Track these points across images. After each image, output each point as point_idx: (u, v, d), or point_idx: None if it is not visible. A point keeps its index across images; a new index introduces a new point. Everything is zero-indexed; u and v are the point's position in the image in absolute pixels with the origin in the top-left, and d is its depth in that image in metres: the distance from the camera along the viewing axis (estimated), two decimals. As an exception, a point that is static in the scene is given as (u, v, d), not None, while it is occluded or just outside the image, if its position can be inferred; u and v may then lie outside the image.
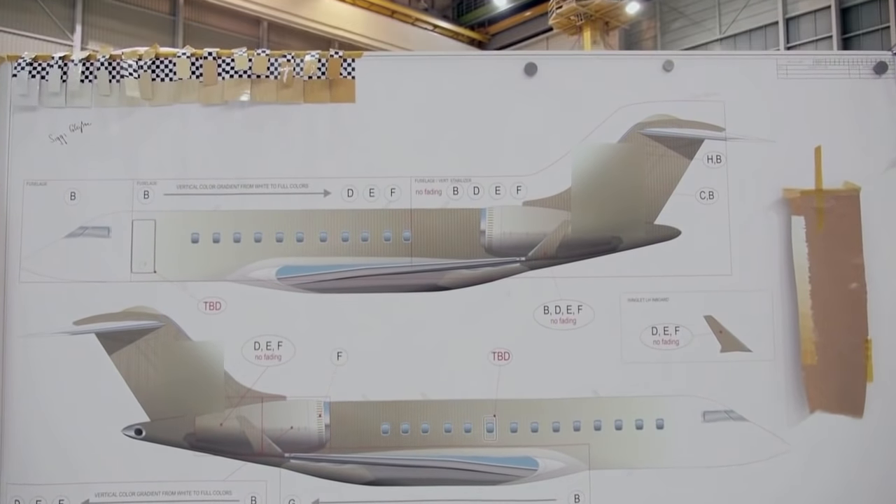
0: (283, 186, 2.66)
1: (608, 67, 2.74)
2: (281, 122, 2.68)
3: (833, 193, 2.68)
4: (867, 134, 2.73)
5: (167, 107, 2.68)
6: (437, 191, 2.67)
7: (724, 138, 2.71)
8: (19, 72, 2.66)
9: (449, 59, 2.75)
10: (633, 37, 33.52)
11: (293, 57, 2.70)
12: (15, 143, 2.66)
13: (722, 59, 2.82)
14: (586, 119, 2.70)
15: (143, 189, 2.65)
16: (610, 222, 2.68)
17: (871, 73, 2.75)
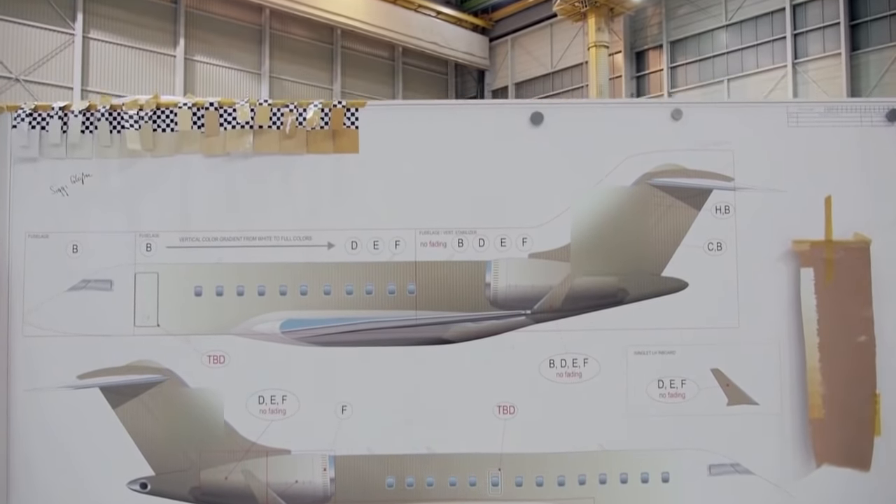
0: (286, 239, 2.64)
1: (615, 116, 2.70)
2: (284, 173, 2.65)
3: (843, 245, 2.65)
4: (878, 182, 2.69)
5: (169, 158, 2.65)
6: (442, 243, 2.64)
7: (732, 188, 2.67)
8: (19, 123, 2.63)
9: (454, 107, 2.71)
10: (638, 23, 33.16)
11: (296, 107, 2.66)
12: (16, 195, 2.63)
13: (731, 107, 2.77)
14: (593, 169, 2.66)
15: (146, 242, 2.63)
16: (617, 274, 2.65)
17: (884, 120, 2.70)
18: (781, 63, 29.34)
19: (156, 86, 30.60)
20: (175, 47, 30.42)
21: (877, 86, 27.50)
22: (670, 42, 32.06)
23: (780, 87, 29.60)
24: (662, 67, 32.40)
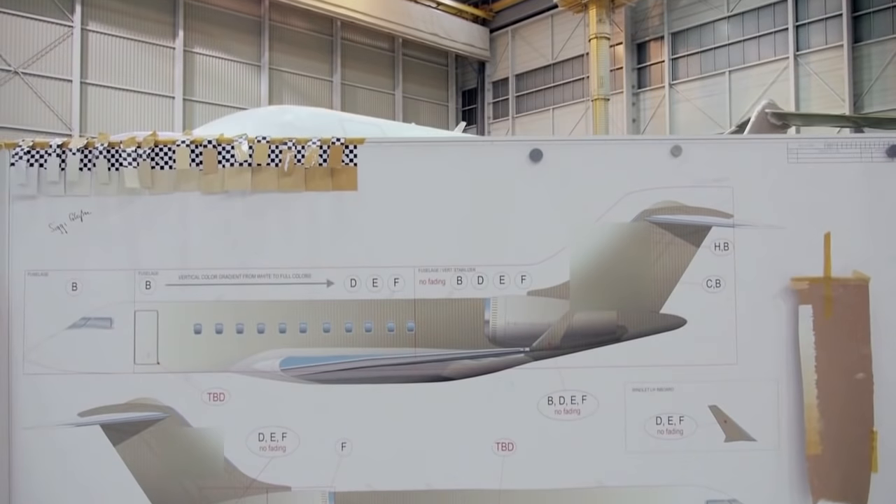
0: (285, 277, 2.64)
1: (615, 153, 2.69)
2: (283, 211, 2.65)
3: (842, 282, 2.65)
4: (878, 218, 2.69)
5: (167, 195, 2.65)
6: (441, 280, 2.64)
7: (732, 225, 2.67)
8: (17, 161, 2.62)
9: (452, 144, 2.70)
10: (639, 14, 32.94)
11: (294, 144, 2.66)
12: (15, 233, 2.63)
13: (731, 144, 2.76)
14: (592, 206, 2.66)
15: (145, 279, 2.64)
16: (616, 311, 2.65)
17: (884, 156, 2.69)
18: (783, 55, 29.18)
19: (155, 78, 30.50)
20: (174, 39, 30.25)
21: (879, 78, 27.38)
22: (671, 33, 31.86)
23: (781, 79, 29.48)
24: (664, 59, 32.22)
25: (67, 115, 28.56)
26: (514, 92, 37.63)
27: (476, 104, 39.28)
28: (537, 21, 35.98)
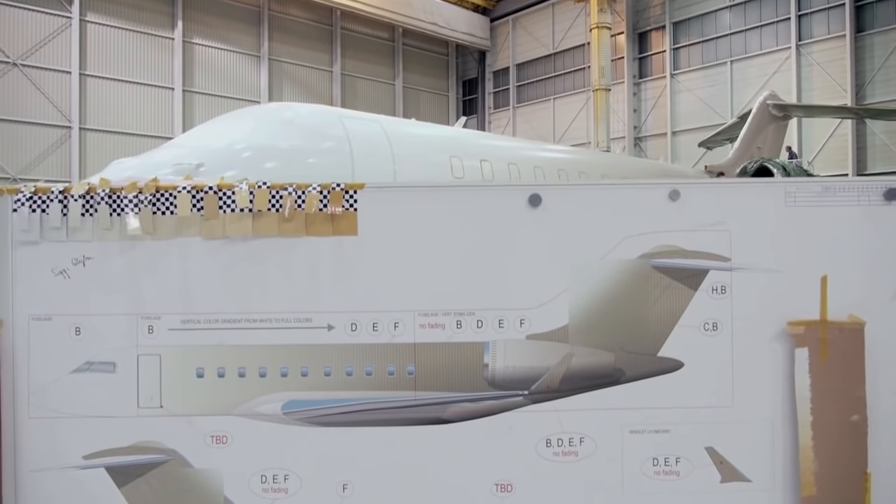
0: (286, 321, 2.67)
1: (613, 197, 2.71)
2: (283, 256, 2.67)
3: (838, 325, 2.67)
4: (875, 261, 2.70)
5: (169, 240, 2.67)
6: (441, 325, 2.67)
7: (729, 269, 2.69)
8: (20, 207, 2.64)
9: (452, 189, 2.71)
10: (641, 4, 32.71)
11: (295, 189, 2.67)
12: (18, 278, 2.66)
13: (729, 187, 2.78)
14: (591, 251, 2.68)
15: (148, 324, 2.66)
16: (613, 355, 2.68)
17: (882, 199, 2.71)
18: (785, 45, 29.01)
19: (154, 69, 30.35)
20: (173, 30, 30.08)
21: (881, 68, 27.23)
22: (673, 23, 31.65)
23: (783, 69, 29.33)
24: (665, 49, 32.04)
25: (67, 107, 28.47)
26: (514, 82, 37.44)
27: (476, 94, 39.11)
28: (538, 10, 35.74)
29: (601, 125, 28.73)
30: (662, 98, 32.38)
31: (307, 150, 12.43)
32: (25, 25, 27.05)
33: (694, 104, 31.52)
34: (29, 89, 27.25)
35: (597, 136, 29.00)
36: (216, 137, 11.99)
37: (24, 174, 27.28)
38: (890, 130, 26.83)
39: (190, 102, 30.94)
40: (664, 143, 32.31)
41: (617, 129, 32.33)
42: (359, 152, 13.10)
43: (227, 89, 31.86)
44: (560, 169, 17.59)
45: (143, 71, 29.60)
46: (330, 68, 34.31)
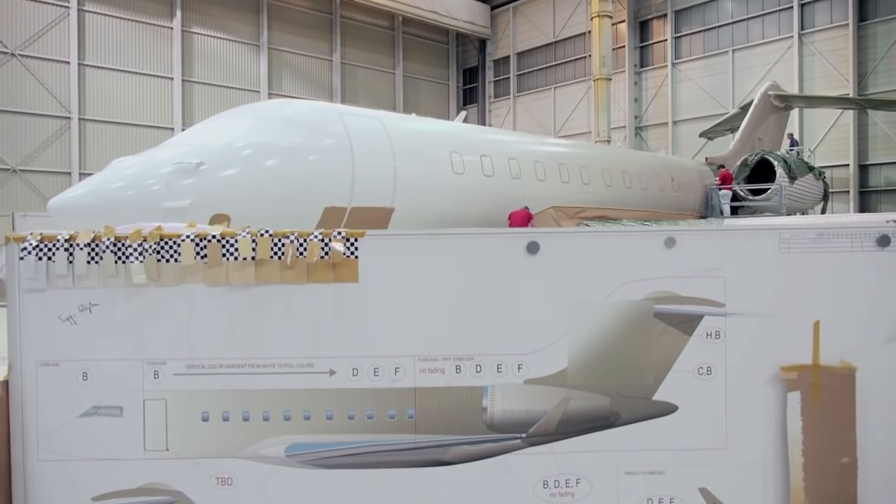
0: (289, 366, 2.72)
1: (610, 244, 2.75)
2: (286, 302, 2.72)
3: (829, 370, 2.72)
4: (867, 307, 2.75)
5: (173, 287, 2.72)
6: (441, 369, 2.72)
7: (723, 314, 2.74)
8: (26, 255, 2.69)
9: (451, 236, 2.75)
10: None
11: (297, 237, 2.71)
12: (26, 324, 2.71)
13: (724, 234, 2.81)
14: (588, 297, 2.73)
15: (154, 369, 2.72)
16: (609, 399, 2.74)
17: (875, 245, 2.75)
18: (788, 34, 28.85)
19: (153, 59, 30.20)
20: (172, 19, 29.91)
21: (884, 57, 27.10)
22: (675, 11, 31.44)
23: (785, 59, 29.19)
24: (666, 37, 31.86)
25: (66, 98, 28.39)
26: (515, 70, 37.25)
27: (477, 83, 38.92)
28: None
29: (602, 115, 28.61)
30: (663, 87, 32.24)
31: (307, 147, 12.44)
32: (23, 15, 26.90)
33: (695, 93, 31.39)
34: (28, 80, 27.16)
35: (597, 126, 28.90)
36: (216, 135, 11.99)
37: (24, 165, 27.28)
38: (892, 121, 26.75)
39: (189, 92, 30.85)
40: (665, 132, 32.22)
41: (618, 118, 32.23)
42: (359, 149, 13.11)
43: (227, 79, 31.74)
44: (560, 163, 17.58)
45: (141, 61, 29.48)
46: (330, 57, 34.14)
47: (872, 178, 27.77)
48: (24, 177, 27.16)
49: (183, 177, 10.98)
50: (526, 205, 15.47)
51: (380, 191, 13.51)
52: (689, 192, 21.56)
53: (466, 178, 15.21)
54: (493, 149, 16.21)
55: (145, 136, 30.09)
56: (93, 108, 28.73)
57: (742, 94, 29.91)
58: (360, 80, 35.33)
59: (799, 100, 26.90)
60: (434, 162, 14.72)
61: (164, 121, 30.31)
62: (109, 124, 29.21)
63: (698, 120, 30.95)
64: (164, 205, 10.81)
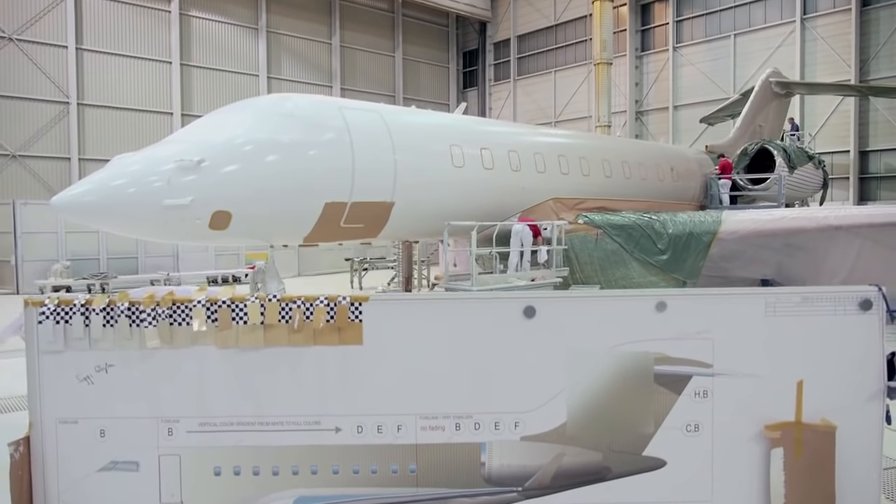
0: (297, 424, 2.86)
1: (604, 308, 2.87)
2: (293, 364, 2.85)
3: (811, 428, 2.86)
4: (849, 367, 2.88)
5: (186, 349, 2.84)
6: (441, 427, 2.86)
7: (711, 374, 2.87)
8: (44, 320, 2.81)
9: (451, 302, 2.87)
10: (645, -23, 32.19)
11: (303, 302, 2.83)
12: (45, 384, 2.84)
13: (713, 298, 2.93)
14: (582, 359, 2.85)
15: (168, 427, 2.86)
16: (601, 454, 2.88)
17: (857, 309, 2.87)
18: (790, 18, 28.63)
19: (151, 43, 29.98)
20: (170, 2, 29.62)
21: (886, 43, 26.95)
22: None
23: (787, 44, 29.00)
24: (668, 21, 31.59)
25: (64, 83, 28.25)
26: (515, 54, 36.97)
27: (477, 65, 38.66)
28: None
29: (602, 99, 28.51)
30: (664, 72, 32.06)
31: (307, 142, 12.44)
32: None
33: (696, 78, 31.23)
34: (25, 64, 27.00)
35: (598, 111, 28.81)
36: (216, 132, 11.99)
37: (23, 151, 27.24)
38: (893, 107, 26.69)
39: (188, 76, 30.67)
40: (666, 117, 32.12)
41: (618, 102, 32.11)
42: (359, 144, 13.12)
43: (225, 63, 31.54)
44: (560, 155, 17.59)
45: (140, 45, 29.27)
46: (329, 40, 33.87)
47: (873, 165, 27.79)
48: (23, 162, 27.14)
49: (184, 174, 11.04)
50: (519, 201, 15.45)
51: (380, 185, 13.55)
52: (689, 182, 21.58)
53: (466, 172, 15.24)
54: (492, 141, 16.20)
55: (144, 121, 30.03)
56: (91, 92, 28.60)
57: (743, 79, 29.76)
58: (359, 63, 35.10)
59: (800, 87, 26.79)
60: (434, 155, 14.73)
61: (162, 105, 30.18)
62: (108, 109, 29.09)
63: (699, 105, 30.83)
64: (165, 202, 10.89)
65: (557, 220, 15.97)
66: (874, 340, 2.87)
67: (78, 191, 10.78)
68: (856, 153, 27.82)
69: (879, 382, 2.87)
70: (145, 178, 10.97)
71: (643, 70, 33.25)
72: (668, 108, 32.13)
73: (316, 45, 33.74)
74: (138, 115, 29.77)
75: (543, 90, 36.03)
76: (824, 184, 24.46)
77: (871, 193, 27.96)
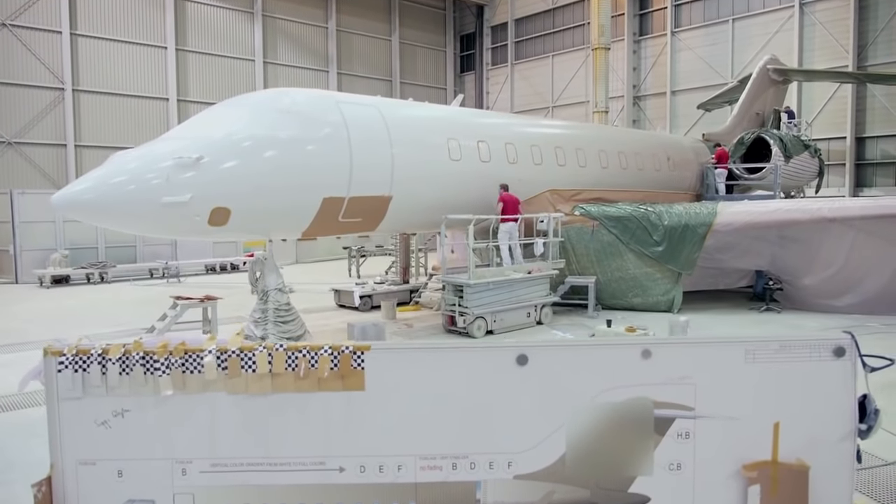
0: (303, 464, 3.04)
1: (592, 356, 3.04)
2: (300, 409, 3.02)
3: (786, 467, 3.05)
4: (823, 410, 3.06)
5: (198, 395, 3.01)
6: (439, 466, 3.04)
7: (693, 417, 3.04)
8: (63, 369, 2.97)
9: (448, 350, 3.04)
10: (644, -41, 31.96)
11: (308, 351, 2.99)
12: (65, 428, 3.01)
13: (695, 346, 3.09)
14: (572, 403, 3.03)
15: (182, 467, 3.03)
16: (589, 491, 3.06)
17: (831, 355, 3.04)
18: (788, 3, 28.55)
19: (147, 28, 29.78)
20: (164, -14, 29.45)
21: (884, 28, 26.91)
22: (676, -22, 31.03)
23: (785, 29, 28.94)
24: (666, 6, 31.44)
25: (58, 68, 28.10)
26: (513, 37, 36.80)
27: (474, 49, 38.47)
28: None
29: (600, 84, 28.45)
30: (662, 56, 31.98)
31: (305, 138, 12.53)
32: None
33: (694, 63, 31.17)
34: (20, 50, 26.85)
35: (595, 96, 28.79)
36: (214, 128, 12.07)
37: (20, 137, 27.18)
38: (890, 93, 26.72)
39: (183, 61, 30.53)
40: (663, 102, 32.11)
41: (616, 87, 32.05)
42: (356, 138, 13.21)
43: (221, 47, 31.38)
44: (557, 146, 17.69)
45: (135, 30, 29.09)
46: (325, 24, 33.66)
47: (869, 151, 27.89)
48: (19, 150, 27.11)
49: (183, 171, 11.14)
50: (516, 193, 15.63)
51: (378, 179, 13.66)
52: (685, 171, 21.70)
53: (463, 164, 15.33)
54: (489, 133, 16.27)
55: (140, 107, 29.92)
56: (86, 78, 28.48)
57: (741, 65, 29.72)
58: (356, 47, 34.93)
59: (797, 74, 26.77)
60: (431, 149, 14.81)
61: (158, 91, 30.07)
62: (103, 95, 28.99)
63: (697, 90, 30.82)
64: (164, 199, 11.00)
65: (554, 211, 16.14)
66: (847, 385, 3.04)
67: (77, 188, 10.89)
68: (852, 139, 27.91)
69: (851, 424, 3.05)
70: (144, 175, 11.09)
71: (641, 55, 33.16)
72: (666, 94, 32.12)
73: (312, 29, 33.54)
74: (134, 100, 29.68)
75: (541, 74, 35.93)
76: (820, 172, 24.60)
77: (867, 180, 28.10)
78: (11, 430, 7.68)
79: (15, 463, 6.55)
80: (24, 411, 8.44)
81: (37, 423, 7.66)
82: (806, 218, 15.42)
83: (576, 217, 16.51)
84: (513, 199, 14.72)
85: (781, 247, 15.67)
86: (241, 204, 11.73)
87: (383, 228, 14.86)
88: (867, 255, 15.08)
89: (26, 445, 6.97)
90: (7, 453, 6.85)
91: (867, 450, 5.87)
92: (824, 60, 27.85)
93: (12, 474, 6.29)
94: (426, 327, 14.57)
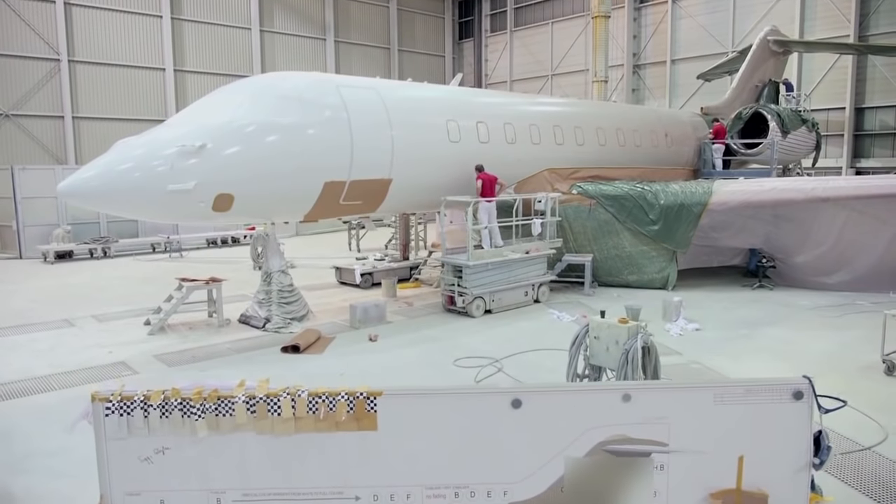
0: (323, 494, 3.45)
1: (579, 400, 3.42)
2: (320, 446, 3.42)
3: (749, 495, 3.47)
4: (782, 445, 3.46)
5: (230, 434, 3.40)
6: (443, 495, 3.46)
7: (667, 451, 3.45)
8: (110, 413, 3.36)
9: (452, 395, 3.42)
10: (646, -78, 31.42)
11: (328, 396, 3.38)
12: (113, 464, 3.41)
13: (669, 390, 3.47)
14: (560, 440, 3.43)
15: (217, 497, 3.45)
16: (575, 517, 3.49)
17: (791, 398, 3.42)
18: (791, -24, 28.28)
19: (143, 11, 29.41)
20: (159, -41, 29.04)
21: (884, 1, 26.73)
22: (678, -52, 30.60)
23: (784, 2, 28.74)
24: (668, -21, 31.12)
25: (53, 39, 27.90)
26: (512, 4, 36.38)
27: (473, 16, 38.05)
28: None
29: (600, 53, 28.37)
30: (663, 24, 31.76)
31: (306, 123, 12.75)
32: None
33: (695, 31, 30.99)
34: (13, 20, 26.65)
35: (595, 65, 28.73)
36: (216, 114, 12.26)
37: (17, 109, 27.18)
38: (891, 63, 26.68)
39: (179, 31, 30.30)
40: (663, 71, 32.01)
41: (616, 56, 31.91)
42: (356, 122, 13.42)
43: (217, 16, 31.09)
44: (555, 125, 17.86)
45: (132, 10, 28.85)
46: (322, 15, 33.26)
47: (868, 122, 27.95)
48: (16, 122, 27.14)
49: (187, 158, 11.39)
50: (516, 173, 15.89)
51: (378, 162, 13.91)
52: (683, 146, 21.88)
53: (463, 146, 15.54)
54: (488, 113, 16.43)
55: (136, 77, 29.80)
56: (82, 49, 28.32)
57: (742, 33, 29.57)
58: (353, 15, 34.57)
59: (798, 45, 26.69)
60: (431, 129, 15.00)
61: (154, 61, 29.92)
62: (99, 66, 28.87)
63: (697, 59, 30.72)
64: (169, 187, 11.28)
65: (552, 190, 16.42)
66: (804, 424, 3.43)
67: (84, 176, 11.17)
68: (851, 110, 27.94)
69: (806, 457, 3.45)
70: (149, 162, 11.38)
71: (641, 22, 32.88)
72: (666, 62, 31.98)
73: (309, 21, 33.11)
74: (130, 71, 29.57)
75: (540, 42, 35.66)
76: (817, 146, 24.76)
77: (865, 150, 28.24)
78: (29, 416, 8.11)
79: (34, 452, 6.97)
80: (34, 398, 8.88)
81: (51, 409, 8.15)
82: (801, 198, 15.70)
83: (573, 196, 16.78)
84: (490, 178, 15.00)
85: (775, 226, 16.00)
86: (244, 190, 12.02)
87: (383, 210, 15.15)
88: (858, 233, 15.42)
89: (44, 434, 7.38)
90: (26, 442, 7.25)
91: (847, 436, 6.32)
92: (825, 30, 27.71)
93: (32, 462, 6.71)
94: (426, 306, 15.01)
